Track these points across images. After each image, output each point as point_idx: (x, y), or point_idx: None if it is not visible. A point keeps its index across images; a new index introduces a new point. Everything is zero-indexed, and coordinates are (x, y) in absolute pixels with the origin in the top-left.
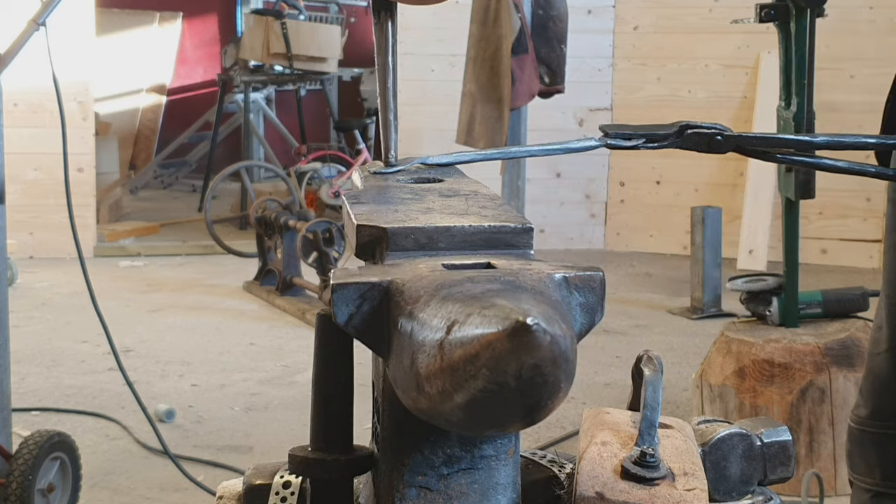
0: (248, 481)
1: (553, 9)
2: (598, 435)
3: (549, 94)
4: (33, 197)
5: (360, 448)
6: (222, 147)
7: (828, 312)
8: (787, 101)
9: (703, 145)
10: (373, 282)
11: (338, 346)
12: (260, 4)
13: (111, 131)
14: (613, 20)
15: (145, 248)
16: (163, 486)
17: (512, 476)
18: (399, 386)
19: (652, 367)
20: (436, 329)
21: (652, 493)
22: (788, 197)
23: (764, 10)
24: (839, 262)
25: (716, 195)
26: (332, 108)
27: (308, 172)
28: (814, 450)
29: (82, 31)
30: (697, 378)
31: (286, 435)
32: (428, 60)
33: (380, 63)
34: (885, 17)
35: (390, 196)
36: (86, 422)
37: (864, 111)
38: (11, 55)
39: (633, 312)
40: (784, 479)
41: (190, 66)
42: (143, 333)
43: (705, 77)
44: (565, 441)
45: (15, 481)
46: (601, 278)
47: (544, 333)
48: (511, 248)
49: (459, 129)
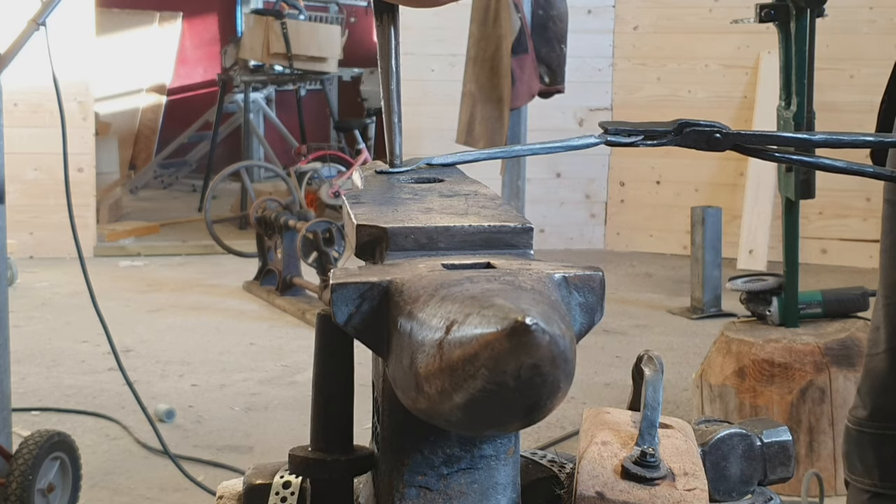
0: (248, 481)
1: (553, 9)
2: (599, 435)
3: (549, 94)
4: (33, 197)
5: (360, 448)
6: (222, 147)
7: (828, 312)
8: (787, 101)
9: (703, 143)
10: (372, 282)
11: (338, 346)
12: (260, 4)
13: (111, 131)
14: (613, 20)
15: (145, 248)
16: (163, 486)
17: (512, 476)
18: (398, 386)
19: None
20: (435, 329)
21: (652, 493)
22: (788, 197)
23: (764, 10)
24: (839, 262)
25: (716, 195)
26: (332, 108)
27: (308, 172)
28: (814, 450)
29: (82, 31)
30: (697, 378)
31: (286, 435)
32: (428, 60)
33: (383, 67)
34: (885, 17)
35: (390, 196)
36: (86, 422)
37: (864, 111)
38: (11, 55)
39: (633, 312)
40: (784, 480)
41: (190, 66)
42: (143, 333)
43: (705, 77)
44: (565, 441)
45: (15, 481)
46: (601, 278)
47: (543, 333)
48: (511, 248)
49: (459, 129)
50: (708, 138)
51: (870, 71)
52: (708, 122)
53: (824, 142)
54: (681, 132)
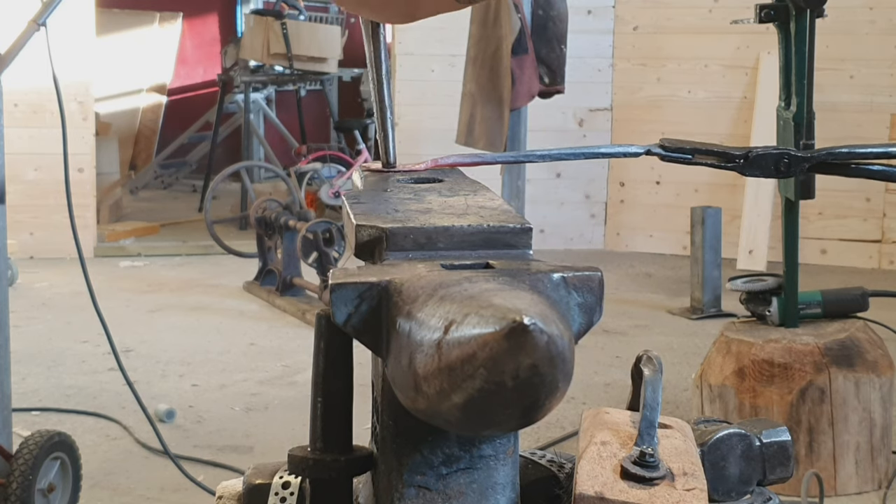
0: (248, 481)
1: (553, 9)
2: (598, 435)
3: (549, 94)
4: (33, 197)
5: (359, 448)
6: (222, 147)
7: (827, 313)
8: (786, 102)
9: (770, 169)
10: (371, 282)
11: (337, 347)
12: (260, 4)
13: (111, 131)
14: (613, 20)
15: (145, 249)
16: (163, 486)
17: (511, 476)
18: (397, 386)
19: (651, 367)
20: (433, 329)
21: (651, 493)
22: (788, 197)
23: (764, 11)
24: (839, 263)
25: (716, 195)
26: (332, 109)
27: (308, 173)
28: (814, 450)
29: (82, 31)
30: (697, 378)
31: (286, 435)
32: (428, 60)
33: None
34: (885, 18)
35: (390, 196)
36: (86, 422)
37: (864, 111)
38: (11, 55)
39: (633, 312)
40: (783, 480)
41: (190, 66)
42: (143, 333)
43: (705, 77)
44: (565, 441)
45: (15, 481)
46: (599, 278)
47: (541, 333)
48: (510, 248)
49: (459, 130)
50: (776, 163)
51: (870, 71)
52: (777, 148)
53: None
54: (747, 158)
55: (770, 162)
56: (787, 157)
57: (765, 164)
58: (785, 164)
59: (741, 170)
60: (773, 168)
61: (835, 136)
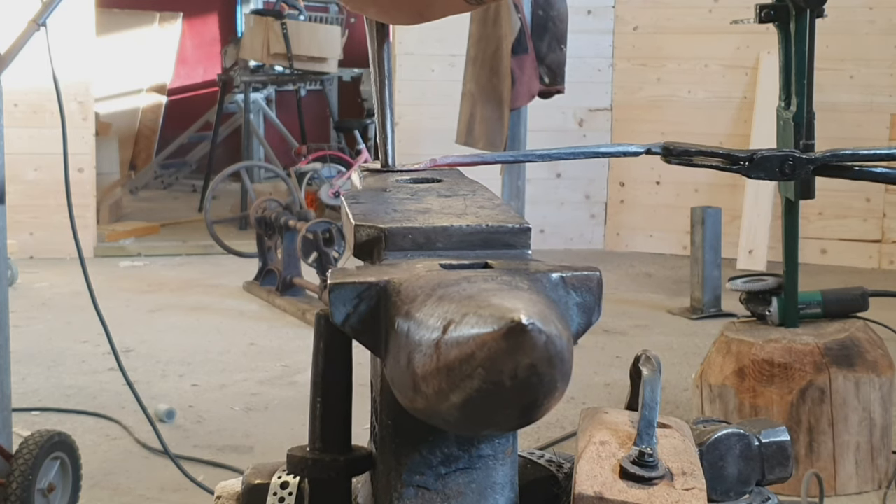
0: (247, 481)
1: (553, 9)
2: (597, 434)
3: (549, 94)
4: (33, 197)
5: (358, 448)
6: (222, 147)
7: (827, 313)
8: (786, 102)
9: (775, 172)
10: (370, 282)
11: (337, 347)
12: (260, 4)
13: (111, 131)
14: (613, 20)
15: (145, 249)
16: (163, 486)
17: (510, 476)
18: (396, 386)
19: (650, 366)
20: (432, 329)
21: (650, 493)
22: (788, 197)
23: (764, 11)
24: (839, 263)
25: (716, 195)
26: (332, 109)
27: (308, 173)
28: (813, 450)
29: (82, 31)
30: (697, 378)
31: (286, 435)
32: (428, 60)
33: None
34: (885, 18)
35: (389, 196)
36: (86, 422)
37: (863, 111)
38: (11, 55)
39: (633, 312)
40: (782, 480)
41: (190, 66)
42: (143, 333)
43: (705, 77)
44: (565, 441)
45: (15, 481)
46: (598, 278)
47: (540, 333)
48: (509, 248)
49: (459, 130)
50: (780, 165)
51: (870, 71)
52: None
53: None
54: (752, 160)
55: (775, 164)
56: (791, 160)
57: (769, 166)
58: (789, 167)
59: (746, 172)
60: (777, 170)
61: (835, 136)
